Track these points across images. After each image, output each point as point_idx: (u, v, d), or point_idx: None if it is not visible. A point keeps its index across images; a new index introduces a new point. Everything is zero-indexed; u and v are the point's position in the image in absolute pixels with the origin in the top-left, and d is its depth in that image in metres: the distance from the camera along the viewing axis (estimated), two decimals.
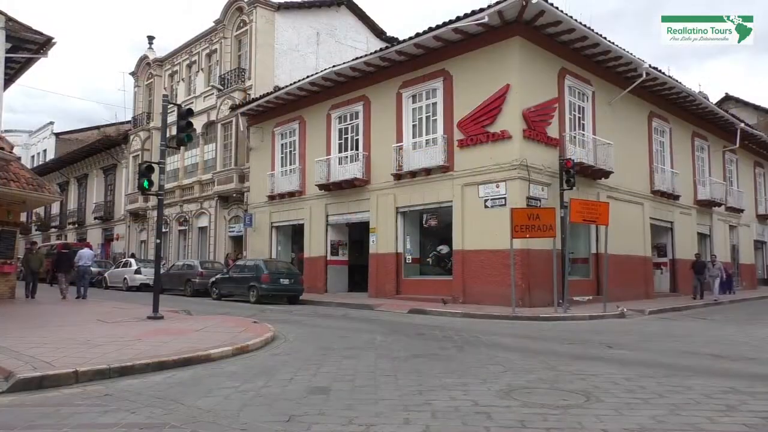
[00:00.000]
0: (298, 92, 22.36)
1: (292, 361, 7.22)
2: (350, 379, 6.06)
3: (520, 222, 13.86)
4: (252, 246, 24.95)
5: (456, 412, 4.65)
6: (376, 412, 4.68)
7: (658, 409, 4.76)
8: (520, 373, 6.41)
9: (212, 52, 30.02)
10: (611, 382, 5.88)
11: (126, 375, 6.21)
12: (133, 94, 36.38)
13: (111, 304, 15.44)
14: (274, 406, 4.87)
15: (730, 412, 4.70)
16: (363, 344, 8.77)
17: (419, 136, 18.51)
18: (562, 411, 4.69)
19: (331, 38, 28.96)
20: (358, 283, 21.27)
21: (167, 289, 21.83)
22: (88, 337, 8.42)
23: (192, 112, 13.59)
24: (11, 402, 5.15)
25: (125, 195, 35.10)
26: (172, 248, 31.10)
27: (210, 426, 4.30)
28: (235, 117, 25.88)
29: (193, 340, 8.31)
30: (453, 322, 12.43)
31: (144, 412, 4.71)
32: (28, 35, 15.76)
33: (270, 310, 15.59)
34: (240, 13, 27.60)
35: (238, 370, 6.63)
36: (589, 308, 15.01)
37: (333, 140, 21.57)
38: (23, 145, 46.77)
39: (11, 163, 15.52)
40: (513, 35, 16.04)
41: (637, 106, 20.17)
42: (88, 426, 4.36)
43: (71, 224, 42.27)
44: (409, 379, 6.01)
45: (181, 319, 11.66)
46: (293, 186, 22.94)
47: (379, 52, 18.99)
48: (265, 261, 19.63)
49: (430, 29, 16.91)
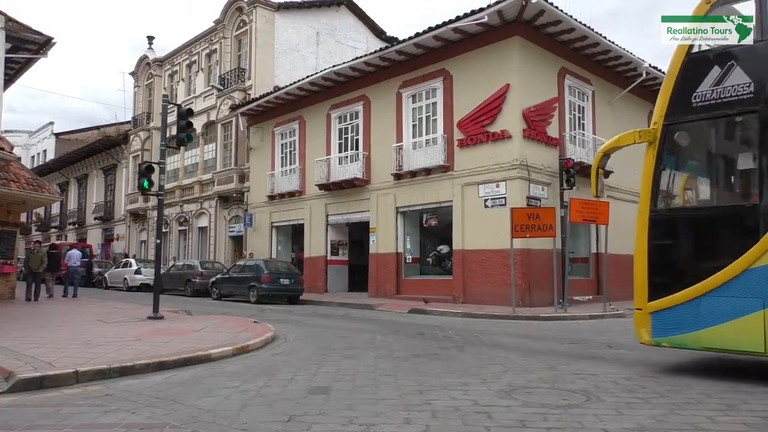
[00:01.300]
0: (298, 92, 22.36)
1: (292, 361, 7.22)
2: (350, 378, 6.07)
3: (520, 222, 13.86)
4: (252, 246, 24.95)
5: (456, 412, 4.65)
6: (376, 411, 4.69)
7: (659, 409, 4.77)
8: (520, 372, 6.41)
9: (212, 52, 30.03)
10: (611, 381, 5.88)
11: (126, 375, 6.22)
12: (133, 94, 36.38)
13: (111, 304, 15.44)
14: (275, 406, 4.87)
15: (731, 412, 4.71)
16: (363, 344, 8.77)
17: (419, 135, 18.51)
18: (563, 411, 4.69)
19: (331, 38, 28.96)
20: (359, 283, 21.27)
21: (167, 289, 21.85)
22: (88, 338, 8.43)
23: (192, 112, 13.59)
24: (12, 402, 5.15)
25: (125, 195, 35.10)
26: (172, 248, 31.11)
27: (210, 426, 4.30)
28: (235, 117, 25.88)
29: (193, 340, 8.31)
30: (453, 322, 12.44)
31: (144, 412, 4.71)
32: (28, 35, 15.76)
33: (270, 310, 15.60)
34: (240, 13, 27.60)
35: (239, 370, 6.63)
36: (590, 308, 15.02)
37: (333, 140, 21.57)
38: (23, 146, 46.77)
39: (11, 163, 15.52)
40: (513, 35, 16.04)
41: (637, 106, 20.15)
42: (88, 426, 4.36)
43: (71, 224, 42.27)
44: (410, 379, 6.01)
45: (182, 319, 11.66)
46: (293, 186, 22.95)
47: (379, 52, 19.00)
48: (266, 261, 19.64)
49: (430, 29, 16.91)
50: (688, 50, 6.56)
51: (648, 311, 6.44)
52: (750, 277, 5.76)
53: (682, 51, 6.57)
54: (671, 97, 6.56)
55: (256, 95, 24.79)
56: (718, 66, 6.30)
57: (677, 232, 6.74)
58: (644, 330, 6.46)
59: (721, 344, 6.05)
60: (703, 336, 6.03)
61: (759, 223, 5.80)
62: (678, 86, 6.52)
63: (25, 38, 15.84)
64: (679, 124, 6.55)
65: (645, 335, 6.46)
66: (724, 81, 6.21)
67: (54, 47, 16.67)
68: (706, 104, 6.30)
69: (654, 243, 6.55)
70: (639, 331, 6.54)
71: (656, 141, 6.55)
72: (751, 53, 6.24)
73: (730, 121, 6.44)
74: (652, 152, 6.59)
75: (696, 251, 6.61)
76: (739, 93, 6.11)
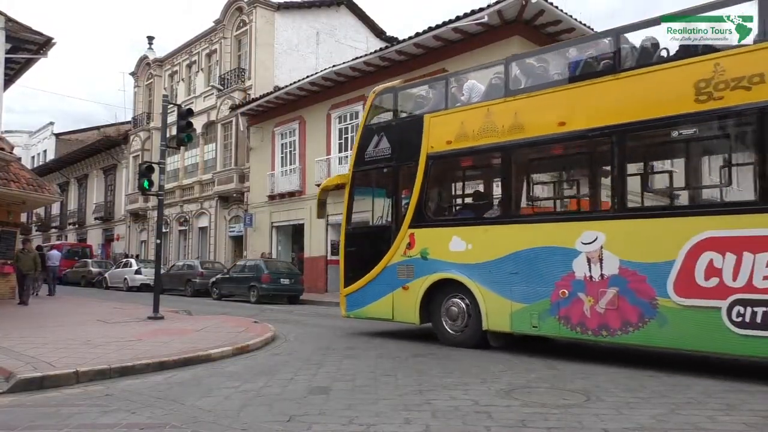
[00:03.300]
0: (298, 92, 22.36)
1: (292, 361, 7.22)
2: (350, 378, 6.06)
3: None
4: (252, 246, 24.95)
5: (456, 412, 4.65)
6: (376, 411, 4.68)
7: (659, 408, 4.76)
8: (520, 372, 6.41)
9: (212, 52, 30.04)
10: (612, 381, 5.88)
11: (126, 375, 6.21)
12: (133, 94, 36.40)
13: (111, 305, 15.44)
14: (275, 406, 4.87)
15: (731, 411, 4.70)
16: (363, 344, 8.77)
17: None
18: (563, 410, 4.69)
19: (330, 38, 28.96)
20: None
21: (168, 289, 21.85)
22: (88, 338, 8.43)
23: (192, 112, 13.59)
24: (12, 402, 5.15)
25: (125, 195, 35.11)
26: (173, 248, 31.11)
27: (210, 426, 4.30)
28: (235, 117, 25.89)
29: (193, 340, 8.31)
30: None
31: (144, 412, 4.71)
32: (27, 35, 15.76)
33: (270, 310, 15.60)
34: (240, 13, 27.60)
35: (239, 370, 6.63)
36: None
37: (333, 140, 21.57)
38: (23, 146, 46.76)
39: (11, 163, 15.52)
40: (513, 35, 16.03)
41: None
42: (88, 426, 4.36)
43: (71, 224, 42.29)
44: (410, 379, 6.01)
45: (182, 319, 11.66)
46: (293, 186, 22.95)
47: (379, 51, 19.00)
48: (266, 261, 19.64)
49: (430, 29, 16.91)
50: (364, 122, 9.72)
51: (344, 294, 9.68)
52: (386, 272, 9.00)
53: (362, 123, 9.84)
54: (356, 153, 9.71)
55: (256, 95, 24.80)
56: (377, 135, 9.40)
57: (357, 242, 9.75)
58: (342, 307, 9.79)
59: (375, 315, 9.30)
60: (367, 310, 9.34)
61: (391, 237, 8.94)
62: (359, 146, 9.65)
63: (25, 38, 15.84)
64: (359, 172, 9.67)
65: (343, 311, 9.81)
66: (378, 145, 9.33)
67: (54, 47, 16.68)
68: (371, 159, 9.44)
69: (346, 249, 9.79)
70: (341, 308, 9.84)
71: (349, 181, 9.76)
72: (392, 128, 9.35)
73: (381, 170, 9.41)
74: (347, 189, 9.76)
75: (365, 255, 9.46)
76: (385, 153, 9.26)
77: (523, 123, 7.57)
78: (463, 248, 8.11)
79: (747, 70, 5.92)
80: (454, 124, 8.35)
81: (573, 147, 7.65)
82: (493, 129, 7.87)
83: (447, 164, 8.94)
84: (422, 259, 8.52)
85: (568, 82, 7.42)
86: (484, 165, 9.16)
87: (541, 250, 7.27)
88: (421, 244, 8.58)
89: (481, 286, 7.83)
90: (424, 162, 8.62)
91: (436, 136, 8.54)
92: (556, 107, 7.34)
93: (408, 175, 8.87)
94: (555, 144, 7.60)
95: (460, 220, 8.74)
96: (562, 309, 7.05)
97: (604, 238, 6.73)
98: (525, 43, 16.20)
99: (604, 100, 6.98)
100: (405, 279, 8.70)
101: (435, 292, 8.45)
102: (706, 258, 5.97)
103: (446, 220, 8.99)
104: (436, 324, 8.56)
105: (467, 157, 8.68)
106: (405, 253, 8.72)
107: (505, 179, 7.97)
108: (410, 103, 9.68)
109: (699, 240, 6.04)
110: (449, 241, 8.26)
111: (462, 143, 8.25)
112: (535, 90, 7.67)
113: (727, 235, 5.91)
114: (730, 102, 6.00)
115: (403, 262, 8.73)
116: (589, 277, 6.83)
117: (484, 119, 7.98)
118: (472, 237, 8.06)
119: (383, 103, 9.77)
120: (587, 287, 6.84)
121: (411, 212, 8.72)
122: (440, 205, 9.29)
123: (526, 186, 8.42)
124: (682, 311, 6.12)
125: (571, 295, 6.97)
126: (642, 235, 6.53)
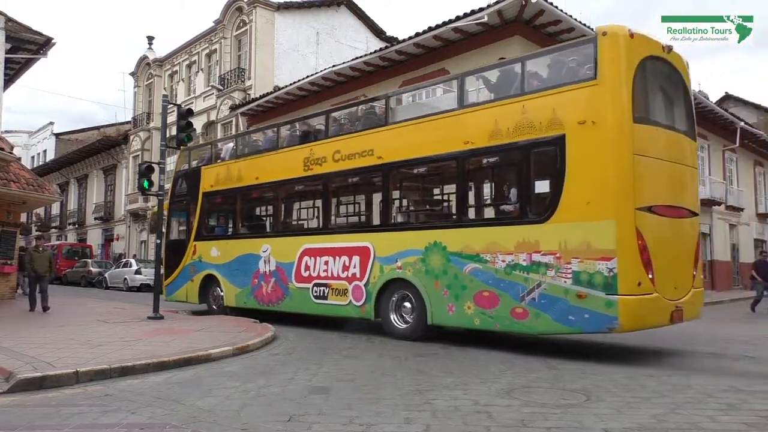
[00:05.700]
0: (298, 92, 22.35)
1: (292, 361, 7.22)
2: (350, 378, 6.07)
3: None
4: None
5: (457, 412, 4.65)
6: (376, 411, 4.68)
7: (659, 408, 4.76)
8: (520, 372, 6.41)
9: (212, 52, 30.02)
10: (612, 380, 5.88)
11: (127, 375, 6.21)
12: (133, 94, 36.37)
13: (111, 304, 15.42)
14: (275, 406, 4.87)
15: (731, 411, 4.70)
16: (363, 343, 8.77)
17: None
18: (563, 410, 4.69)
19: (331, 38, 28.95)
20: None
21: None
22: (88, 338, 8.43)
23: (192, 112, 13.59)
24: (12, 402, 5.15)
25: (125, 195, 35.09)
26: None
27: (211, 426, 4.30)
28: (235, 117, 25.86)
29: (193, 340, 8.31)
30: None
31: (145, 412, 4.71)
32: (27, 35, 15.78)
33: None
34: (240, 13, 27.59)
35: (239, 370, 6.63)
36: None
37: None
38: (23, 146, 46.73)
39: (11, 163, 15.53)
40: (513, 34, 16.03)
41: None
42: (89, 426, 4.36)
43: (71, 225, 42.28)
44: (410, 379, 6.01)
45: (182, 319, 11.66)
46: None
47: (379, 51, 18.99)
48: None
49: (429, 29, 16.91)
50: (176, 169, 14.11)
51: (165, 285, 13.38)
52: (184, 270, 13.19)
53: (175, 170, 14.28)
54: (171, 190, 13.85)
55: (256, 95, 24.78)
56: (181, 179, 13.70)
57: (171, 249, 13.61)
58: (164, 293, 13.32)
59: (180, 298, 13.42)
60: (176, 295, 13.44)
61: (186, 247, 13.13)
62: (173, 185, 13.92)
63: (25, 38, 15.86)
64: (172, 203, 13.73)
65: (165, 296, 13.27)
66: (182, 185, 13.60)
67: (54, 47, 16.73)
68: (178, 194, 13.71)
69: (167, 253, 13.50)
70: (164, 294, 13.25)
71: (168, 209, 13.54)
72: (187, 175, 13.51)
73: (182, 202, 13.63)
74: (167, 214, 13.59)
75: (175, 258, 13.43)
76: (184, 191, 13.52)
77: (242, 176, 11.96)
78: (217, 254, 12.40)
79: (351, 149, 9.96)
80: (214, 173, 12.73)
81: (264, 192, 12.04)
82: (230, 178, 12.22)
83: (211, 199, 12.91)
84: (200, 261, 12.78)
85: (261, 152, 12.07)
86: (227, 200, 12.74)
87: (247, 255, 11.58)
88: (199, 251, 12.84)
89: (224, 278, 12.19)
90: (201, 197, 12.91)
91: (206, 181, 12.83)
92: (255, 168, 11.80)
93: (194, 206, 13.06)
94: (254, 190, 12.01)
95: (216, 236, 12.92)
96: (255, 291, 11.42)
97: (271, 248, 11.14)
98: (525, 43, 16.20)
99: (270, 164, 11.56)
100: (192, 274, 12.95)
101: (206, 282, 12.67)
102: (305, 260, 10.37)
103: (209, 236, 12.96)
104: (207, 302, 12.82)
105: (219, 195, 12.69)
106: (192, 258, 12.95)
107: (236, 210, 12.50)
108: (197, 158, 13.78)
109: (303, 249, 10.47)
110: (211, 249, 12.57)
111: (218, 186, 12.53)
112: (248, 156, 12.27)
113: (313, 246, 10.36)
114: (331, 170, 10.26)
115: (191, 263, 12.98)
116: (264, 272, 11.16)
117: (226, 171, 12.38)
118: (221, 247, 12.41)
119: (184, 157, 14.03)
120: (264, 278, 11.19)
121: (194, 231, 13.02)
122: (207, 226, 13.17)
123: (247, 215, 12.76)
124: (298, 290, 10.49)
125: (258, 283, 11.30)
126: (284, 246, 10.91)
